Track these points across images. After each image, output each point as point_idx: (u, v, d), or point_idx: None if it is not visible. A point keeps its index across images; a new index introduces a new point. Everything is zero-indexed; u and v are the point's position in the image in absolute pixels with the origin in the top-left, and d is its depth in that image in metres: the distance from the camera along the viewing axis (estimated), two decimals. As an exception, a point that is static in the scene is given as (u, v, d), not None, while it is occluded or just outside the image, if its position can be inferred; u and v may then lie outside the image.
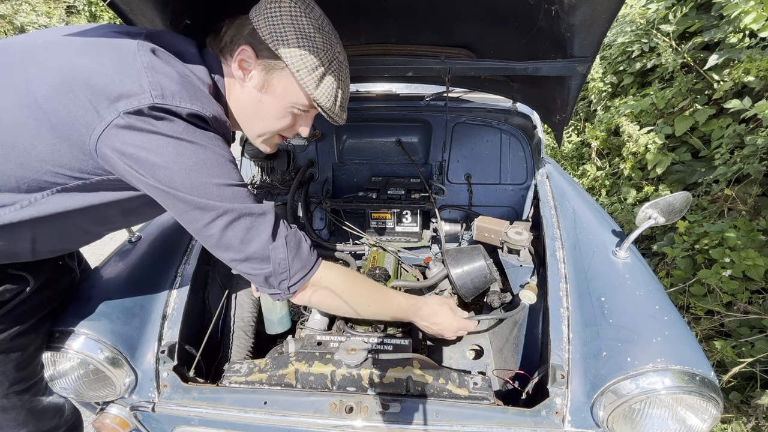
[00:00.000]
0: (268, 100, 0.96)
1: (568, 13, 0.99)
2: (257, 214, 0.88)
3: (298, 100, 0.97)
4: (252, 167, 2.06)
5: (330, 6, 1.19)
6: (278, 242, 0.90)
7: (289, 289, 0.94)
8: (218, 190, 0.83)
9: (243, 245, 0.87)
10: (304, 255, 0.95)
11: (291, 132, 1.06)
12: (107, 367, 1.11)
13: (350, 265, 1.75)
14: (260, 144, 1.08)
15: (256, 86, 0.95)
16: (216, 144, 0.84)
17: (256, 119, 1.00)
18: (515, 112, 1.96)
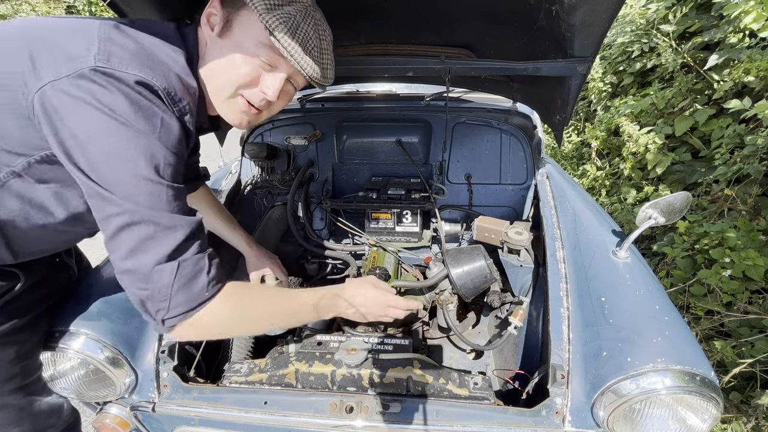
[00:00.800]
0: (228, 46, 0.86)
1: (568, 13, 0.99)
2: (163, 227, 0.74)
3: (255, 36, 0.84)
4: (252, 167, 2.06)
5: (330, 6, 1.19)
6: (169, 265, 0.74)
7: (163, 322, 0.77)
8: (131, 185, 0.71)
9: (130, 254, 0.73)
10: (195, 289, 0.77)
11: (254, 93, 0.91)
12: (107, 367, 1.11)
13: (350, 266, 1.75)
14: (223, 105, 0.92)
15: (218, 33, 0.86)
16: (157, 130, 0.74)
17: (218, 72, 0.88)
18: (515, 112, 1.96)
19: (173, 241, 0.75)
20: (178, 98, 0.78)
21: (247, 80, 0.88)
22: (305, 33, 0.86)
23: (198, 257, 0.78)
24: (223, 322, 0.84)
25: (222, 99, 0.91)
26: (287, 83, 0.94)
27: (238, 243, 1.50)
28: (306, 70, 0.88)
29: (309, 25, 0.87)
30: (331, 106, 2.13)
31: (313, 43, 0.88)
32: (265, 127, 2.08)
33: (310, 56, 0.87)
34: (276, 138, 2.07)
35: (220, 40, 0.86)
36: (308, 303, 1.00)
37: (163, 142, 0.75)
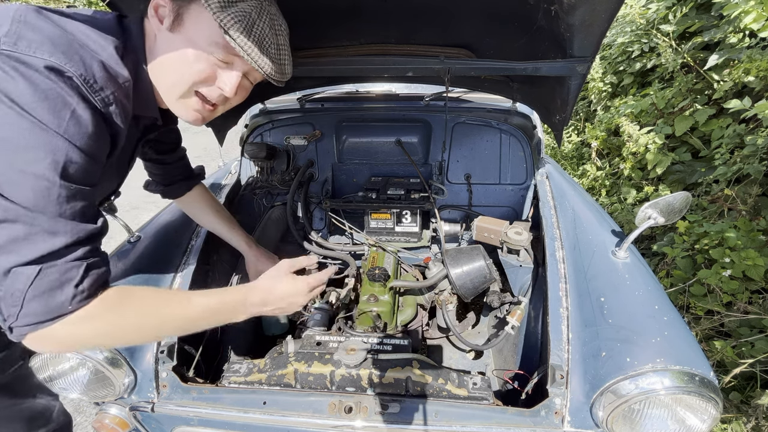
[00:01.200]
0: (179, 40, 0.81)
1: (568, 13, 0.99)
2: (41, 230, 0.65)
3: (209, 35, 0.81)
4: (252, 167, 2.06)
5: (330, 6, 1.19)
6: (27, 269, 0.65)
7: (11, 330, 0.68)
8: (13, 180, 0.64)
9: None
10: (55, 301, 0.67)
11: (210, 90, 0.88)
12: (106, 368, 1.11)
13: (350, 266, 1.75)
14: (177, 104, 0.88)
15: (168, 27, 0.81)
16: (64, 123, 0.66)
17: (169, 67, 0.84)
18: (515, 112, 1.96)
19: (46, 247, 0.66)
20: (99, 87, 0.72)
21: (203, 77, 0.85)
22: (261, 30, 0.83)
23: (70, 266, 0.69)
24: (86, 338, 0.74)
25: (175, 96, 0.87)
26: (244, 79, 0.91)
27: (238, 243, 1.50)
28: (264, 69, 0.86)
29: (264, 21, 0.84)
30: (331, 106, 2.13)
31: (269, 41, 0.85)
32: (265, 127, 2.08)
33: (266, 54, 0.85)
34: (275, 138, 2.07)
35: (170, 34, 0.82)
36: (207, 307, 0.87)
37: (70, 137, 0.67)
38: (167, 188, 1.37)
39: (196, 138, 6.45)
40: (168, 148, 1.29)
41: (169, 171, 1.34)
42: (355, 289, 1.65)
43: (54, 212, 0.67)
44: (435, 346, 1.84)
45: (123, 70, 0.78)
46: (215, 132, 1.69)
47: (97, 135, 0.72)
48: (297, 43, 1.42)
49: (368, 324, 1.44)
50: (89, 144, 0.70)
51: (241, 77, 0.89)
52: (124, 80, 0.78)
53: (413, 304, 1.67)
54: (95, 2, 8.16)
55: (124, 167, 1.05)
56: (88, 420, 2.02)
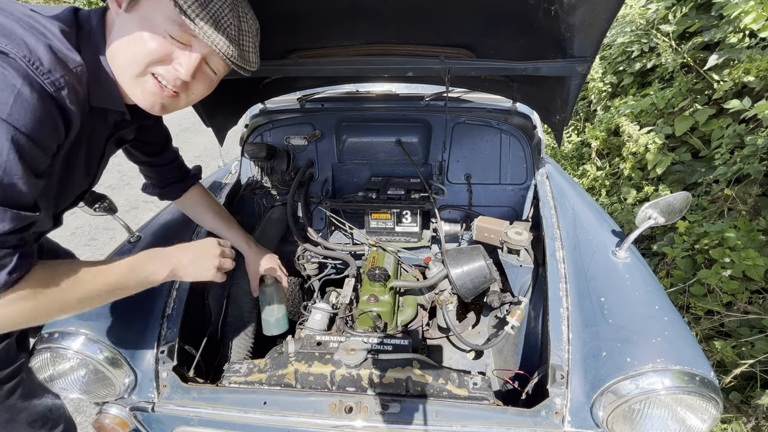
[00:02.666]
0: (134, 20, 0.79)
1: (568, 13, 0.99)
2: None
3: (164, 12, 0.78)
4: (252, 167, 2.06)
5: (330, 6, 1.19)
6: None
7: None
8: None
9: None
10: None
11: (167, 71, 0.84)
12: (107, 368, 1.11)
13: (350, 266, 1.75)
14: (133, 87, 0.85)
15: (125, 8, 0.80)
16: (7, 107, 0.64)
17: (124, 47, 0.81)
18: (515, 112, 1.96)
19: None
20: (46, 69, 0.69)
21: (157, 56, 0.81)
22: (218, 9, 0.80)
23: (3, 253, 0.70)
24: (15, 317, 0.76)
25: (130, 77, 0.83)
26: (205, 66, 0.89)
27: (237, 243, 1.50)
28: (219, 47, 0.82)
29: (226, 6, 0.82)
30: (331, 106, 2.13)
31: (228, 21, 0.82)
32: (265, 127, 2.08)
33: (224, 34, 0.82)
34: (275, 138, 2.07)
35: (126, 14, 0.80)
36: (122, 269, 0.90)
37: (14, 122, 0.65)
38: (163, 190, 1.36)
39: (197, 138, 6.47)
40: (156, 150, 1.27)
41: (163, 173, 1.33)
42: (355, 289, 1.65)
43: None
44: (435, 346, 1.84)
45: (74, 55, 0.75)
46: (215, 132, 1.69)
47: (46, 120, 0.70)
48: (297, 43, 1.43)
49: (368, 324, 1.44)
50: (36, 129, 0.68)
51: (201, 61, 0.86)
52: (75, 65, 0.75)
53: (413, 304, 1.67)
54: (95, 2, 8.16)
55: (94, 165, 1.02)
56: (88, 420, 2.02)
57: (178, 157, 1.37)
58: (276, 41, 1.06)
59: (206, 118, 1.56)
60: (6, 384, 1.07)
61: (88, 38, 0.81)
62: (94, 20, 0.83)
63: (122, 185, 4.75)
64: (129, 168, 1.08)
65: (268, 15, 0.99)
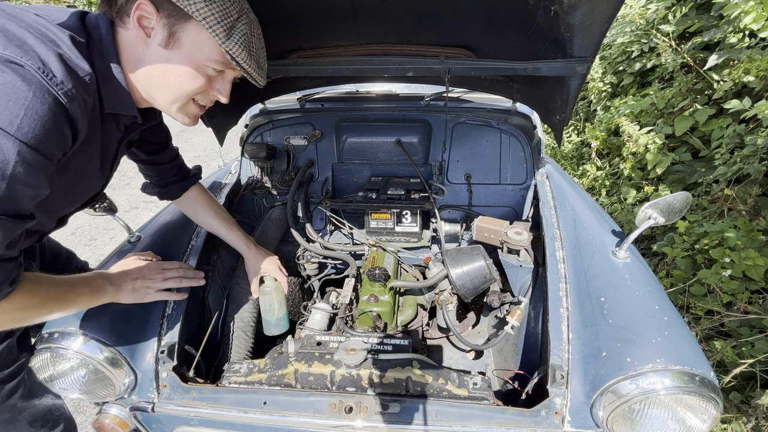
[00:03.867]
0: (177, 58, 0.85)
1: (568, 13, 0.99)
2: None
3: (209, 54, 0.86)
4: (252, 167, 2.06)
5: (330, 6, 1.19)
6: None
7: None
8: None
9: None
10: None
11: (206, 98, 0.96)
12: (107, 368, 1.11)
13: (350, 266, 1.75)
14: (176, 113, 0.95)
15: (161, 44, 0.83)
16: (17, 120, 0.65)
17: (167, 82, 0.88)
18: (515, 112, 1.96)
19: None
20: (58, 81, 0.70)
21: (201, 90, 0.92)
22: (256, 47, 0.92)
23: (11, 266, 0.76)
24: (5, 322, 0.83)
25: (176, 108, 0.93)
26: None
27: (237, 243, 1.50)
28: (256, 80, 0.95)
29: (254, 35, 0.91)
30: (331, 106, 2.13)
31: (260, 54, 0.95)
32: (265, 127, 2.08)
33: (258, 65, 0.94)
34: (275, 138, 2.07)
35: (165, 51, 0.84)
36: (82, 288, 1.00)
37: (22, 136, 0.66)
38: (163, 190, 1.36)
39: (197, 138, 6.47)
40: (157, 148, 1.28)
41: (163, 172, 1.34)
42: (355, 289, 1.65)
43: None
44: (435, 346, 1.84)
45: (84, 64, 0.76)
46: (215, 132, 1.69)
47: (54, 130, 0.71)
48: (297, 43, 1.43)
49: (368, 324, 1.44)
50: (43, 141, 0.69)
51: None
52: (85, 74, 0.77)
53: (413, 304, 1.67)
54: (95, 2, 8.16)
55: (108, 168, 1.04)
56: (88, 420, 2.02)
57: (178, 155, 1.37)
58: (276, 41, 1.06)
59: (206, 119, 1.56)
60: (7, 383, 1.07)
61: (99, 48, 0.82)
62: (103, 29, 0.84)
63: (122, 185, 4.75)
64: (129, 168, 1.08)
65: (269, 15, 0.99)
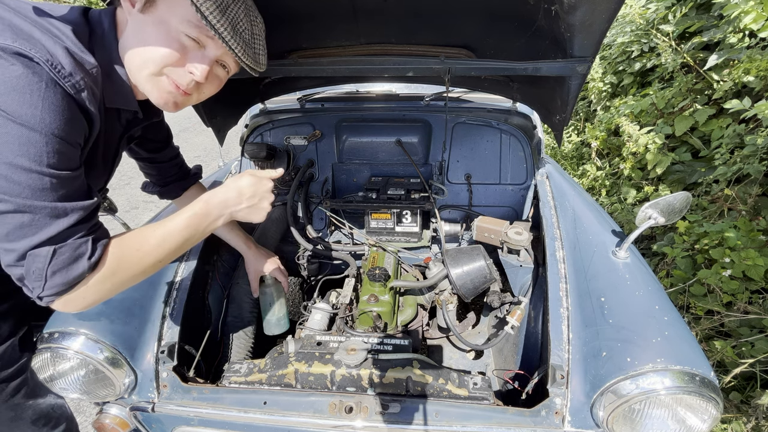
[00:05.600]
0: (150, 21, 0.81)
1: (568, 13, 0.99)
2: (43, 215, 0.71)
3: (182, 17, 0.80)
4: (252, 167, 2.06)
5: (330, 6, 1.19)
6: (43, 250, 0.72)
7: (40, 298, 0.76)
8: (5, 171, 0.66)
9: (6, 237, 0.71)
10: (73, 273, 0.75)
11: (182, 74, 0.87)
12: (107, 368, 1.11)
13: (350, 266, 1.75)
14: (152, 89, 0.87)
15: (140, 9, 0.80)
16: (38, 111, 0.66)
17: (139, 49, 0.83)
18: (515, 112, 1.96)
19: (53, 229, 0.72)
20: (67, 72, 0.71)
21: (173, 59, 0.84)
22: (235, 14, 0.83)
23: (79, 242, 0.75)
24: (104, 293, 0.82)
25: (145, 76, 0.85)
26: (218, 67, 0.92)
27: (237, 243, 1.50)
28: (236, 51, 0.85)
29: (239, 7, 0.84)
30: (331, 106, 2.13)
31: (243, 26, 0.86)
32: (265, 127, 2.08)
33: (240, 38, 0.85)
34: (275, 138, 2.07)
35: (142, 16, 0.81)
36: (184, 224, 0.92)
37: (46, 127, 0.68)
38: (163, 189, 1.36)
39: (197, 138, 6.47)
40: (158, 146, 1.28)
41: (164, 171, 1.33)
42: (355, 289, 1.65)
43: (51, 198, 0.71)
44: (435, 346, 1.84)
45: (89, 57, 0.77)
46: (215, 132, 1.69)
47: (72, 120, 0.73)
48: (297, 43, 1.43)
49: (368, 324, 1.44)
50: (66, 130, 0.71)
51: (214, 63, 0.89)
52: (92, 67, 0.77)
53: (413, 304, 1.67)
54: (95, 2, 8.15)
55: (110, 163, 1.04)
56: (88, 420, 2.02)
57: (179, 154, 1.37)
58: (276, 41, 1.06)
59: (206, 118, 1.56)
60: (11, 382, 1.08)
61: (101, 41, 0.82)
62: (105, 22, 0.84)
63: (122, 185, 4.75)
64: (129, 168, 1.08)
65: (269, 15, 0.99)
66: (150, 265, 0.87)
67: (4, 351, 1.05)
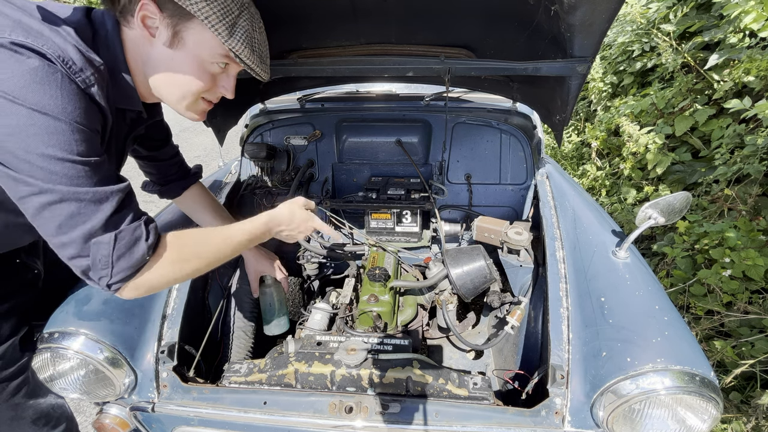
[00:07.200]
0: (181, 57, 0.86)
1: (568, 13, 0.99)
2: (87, 201, 0.73)
3: (212, 51, 0.87)
4: (252, 167, 2.06)
5: (330, 6, 1.19)
6: (105, 237, 0.74)
7: (109, 287, 0.79)
8: (41, 163, 0.68)
9: (59, 231, 0.73)
10: (136, 256, 0.79)
11: (213, 94, 0.98)
12: (107, 368, 1.11)
13: (350, 266, 1.75)
14: (186, 111, 0.97)
15: (166, 43, 0.84)
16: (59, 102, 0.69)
17: (174, 82, 0.90)
18: (515, 112, 1.96)
19: (102, 215, 0.75)
20: (78, 68, 0.72)
21: (207, 87, 0.93)
22: (258, 42, 0.93)
23: (134, 226, 0.79)
24: (166, 276, 0.86)
25: (184, 106, 0.95)
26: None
27: (238, 243, 1.50)
28: (257, 70, 0.94)
29: (256, 30, 0.92)
30: (331, 106, 2.13)
31: (262, 48, 0.96)
32: (265, 127, 2.08)
33: (257, 57, 0.94)
34: (275, 138, 2.07)
35: (170, 51, 0.85)
36: (243, 236, 1.02)
37: (69, 116, 0.70)
38: (163, 188, 1.36)
39: (197, 138, 6.47)
40: (158, 144, 1.28)
41: (164, 169, 1.34)
42: (355, 289, 1.65)
43: (89, 183, 0.74)
44: (435, 346, 1.84)
45: (94, 55, 0.79)
46: (215, 132, 1.69)
47: (88, 109, 0.75)
48: (297, 43, 1.43)
49: (368, 324, 1.44)
50: (86, 118, 0.74)
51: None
52: (99, 64, 0.79)
53: (413, 304, 1.67)
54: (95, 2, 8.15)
55: (117, 163, 1.05)
56: (88, 420, 2.02)
57: (178, 153, 1.38)
58: (276, 41, 1.06)
59: (207, 118, 1.56)
60: (12, 381, 1.08)
61: (105, 42, 0.83)
62: (108, 25, 0.85)
63: (122, 185, 4.74)
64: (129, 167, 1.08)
65: (269, 15, 0.99)
66: (209, 261, 0.93)
67: (5, 350, 1.05)
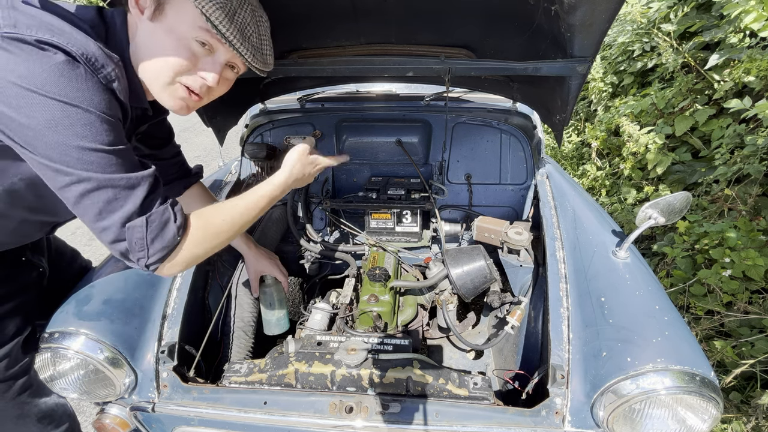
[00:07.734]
0: (160, 29, 0.83)
1: (568, 13, 0.99)
2: (122, 187, 0.77)
3: (192, 24, 0.83)
4: (252, 167, 2.06)
5: (330, 6, 1.19)
6: (138, 221, 0.79)
7: (147, 267, 0.84)
8: (77, 154, 0.72)
9: (99, 217, 0.77)
10: (167, 236, 0.83)
11: (194, 79, 0.90)
12: (107, 368, 1.11)
13: (350, 266, 1.75)
14: (162, 93, 0.90)
15: (149, 17, 0.82)
16: (86, 94, 0.72)
17: (152, 57, 0.86)
18: (515, 112, 1.96)
19: (137, 199, 0.79)
20: (100, 65, 0.75)
21: (185, 67, 0.87)
22: (243, 19, 0.86)
23: (162, 209, 0.83)
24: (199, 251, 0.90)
25: (160, 86, 0.89)
26: (227, 69, 0.95)
27: (237, 243, 1.50)
28: (245, 55, 0.88)
29: (246, 11, 0.87)
30: (331, 106, 2.12)
31: (251, 29, 0.89)
32: (265, 127, 2.08)
33: (248, 41, 0.88)
34: (276, 138, 2.07)
35: (151, 24, 0.83)
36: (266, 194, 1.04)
37: (95, 107, 0.73)
38: (164, 187, 1.36)
39: (197, 138, 6.47)
40: (160, 143, 1.28)
41: (165, 168, 1.33)
42: (355, 289, 1.65)
43: (122, 170, 0.77)
44: (435, 346, 1.84)
45: (111, 53, 0.80)
46: (215, 132, 1.69)
47: (111, 101, 0.78)
48: (297, 43, 1.43)
49: (369, 324, 1.44)
50: (111, 108, 0.77)
51: (224, 67, 0.92)
52: (117, 60, 0.81)
53: (414, 304, 1.67)
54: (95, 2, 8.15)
55: None
56: (88, 420, 2.02)
57: (180, 152, 1.38)
58: (276, 41, 1.06)
59: (207, 119, 1.56)
60: (17, 380, 1.08)
61: (114, 39, 0.85)
62: (118, 21, 0.86)
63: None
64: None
65: (269, 15, 0.99)
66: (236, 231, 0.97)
67: (9, 350, 1.06)
